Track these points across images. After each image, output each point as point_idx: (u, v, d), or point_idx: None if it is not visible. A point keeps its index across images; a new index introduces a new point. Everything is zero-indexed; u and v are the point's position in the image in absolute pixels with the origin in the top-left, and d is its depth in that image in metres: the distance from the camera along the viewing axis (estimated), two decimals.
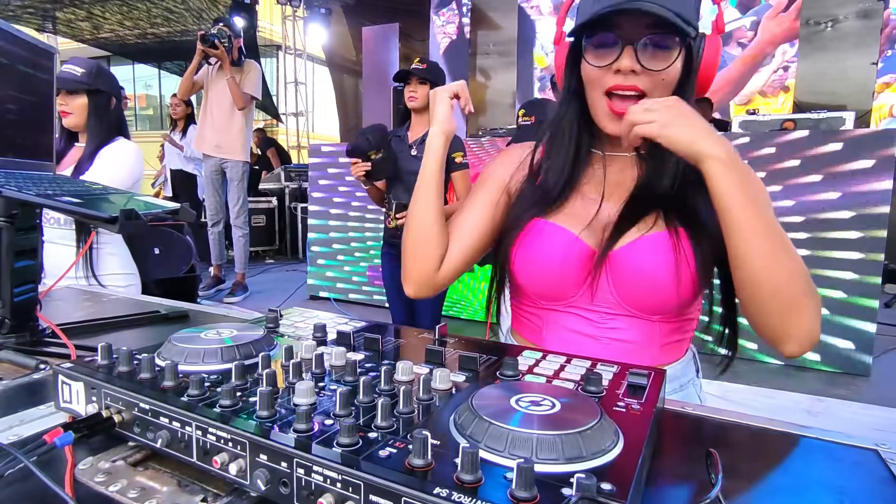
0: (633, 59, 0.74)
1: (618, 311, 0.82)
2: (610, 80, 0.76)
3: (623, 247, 0.79)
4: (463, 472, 0.37)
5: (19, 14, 7.48)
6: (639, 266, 0.77)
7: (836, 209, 2.78)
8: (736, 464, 0.53)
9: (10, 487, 0.47)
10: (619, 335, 0.82)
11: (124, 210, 0.76)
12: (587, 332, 0.83)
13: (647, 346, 0.82)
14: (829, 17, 5.51)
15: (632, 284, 0.79)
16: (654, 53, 0.74)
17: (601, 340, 0.83)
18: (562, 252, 0.81)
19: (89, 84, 1.69)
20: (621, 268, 0.79)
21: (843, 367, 2.84)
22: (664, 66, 0.74)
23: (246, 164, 4.27)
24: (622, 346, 0.82)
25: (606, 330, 0.83)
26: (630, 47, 0.74)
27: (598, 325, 0.83)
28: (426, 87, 2.24)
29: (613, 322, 0.82)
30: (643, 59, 0.74)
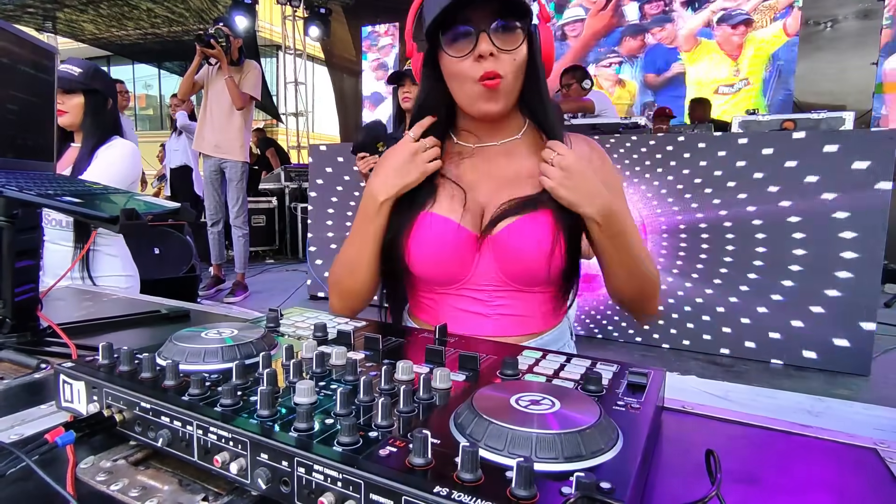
0: (489, 43, 0.80)
1: (503, 288, 0.91)
2: (477, 70, 0.82)
3: (502, 229, 0.87)
4: (463, 471, 0.37)
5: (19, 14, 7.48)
6: (517, 245, 0.86)
7: (837, 209, 2.78)
8: (736, 463, 0.53)
9: (11, 486, 0.47)
10: (505, 310, 0.91)
11: (124, 210, 0.76)
12: (477, 310, 0.92)
13: (530, 317, 0.92)
14: (829, 17, 5.52)
15: (512, 262, 0.88)
16: (505, 36, 0.81)
17: (490, 317, 0.92)
18: (450, 240, 0.88)
19: (86, 84, 1.69)
20: (502, 248, 0.88)
21: (843, 367, 2.84)
22: (516, 46, 0.82)
23: (245, 164, 4.27)
24: (509, 319, 0.92)
25: (494, 307, 0.91)
26: (484, 33, 0.80)
27: (486, 302, 0.91)
28: None
29: (500, 299, 0.91)
30: (497, 42, 0.81)
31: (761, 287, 2.98)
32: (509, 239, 0.87)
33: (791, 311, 2.92)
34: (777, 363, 2.97)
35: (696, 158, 3.08)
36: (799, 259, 2.88)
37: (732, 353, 3.06)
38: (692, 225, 3.10)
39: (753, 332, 3.01)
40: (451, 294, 0.93)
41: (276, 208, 6.66)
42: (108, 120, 1.76)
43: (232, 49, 4.00)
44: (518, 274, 0.89)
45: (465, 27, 0.82)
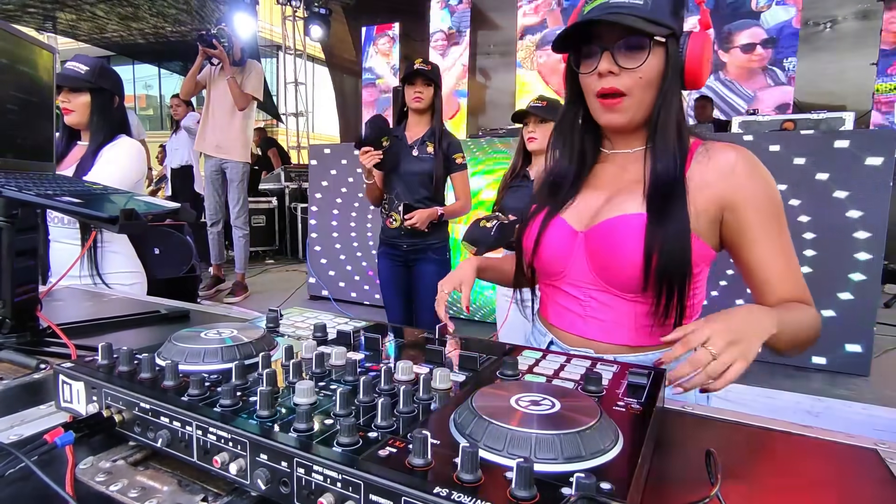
0: (611, 62, 0.84)
1: (596, 287, 0.91)
2: (597, 85, 0.87)
3: (597, 224, 0.89)
4: (463, 471, 0.37)
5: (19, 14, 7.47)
6: (609, 241, 0.87)
7: (837, 209, 2.78)
8: (736, 464, 0.53)
9: (11, 487, 0.47)
10: (597, 312, 0.91)
11: (124, 210, 0.76)
12: (572, 308, 0.94)
13: (622, 325, 0.90)
14: (829, 17, 5.52)
15: (603, 258, 0.88)
16: (628, 54, 0.84)
17: (584, 317, 0.93)
18: (550, 231, 0.94)
19: (93, 82, 1.68)
20: (595, 243, 0.89)
21: (843, 367, 2.84)
22: (638, 65, 0.84)
23: (246, 164, 4.27)
24: (600, 322, 0.91)
25: (587, 307, 0.92)
26: (607, 52, 0.84)
27: (581, 301, 0.93)
28: (431, 88, 2.24)
29: (593, 300, 0.92)
30: (620, 60, 0.84)
31: None
32: (600, 236, 0.88)
33: None
34: (777, 363, 2.97)
35: None
36: (809, 260, 2.85)
37: None
38: None
39: None
40: (555, 287, 0.98)
41: (276, 208, 6.66)
42: (114, 118, 1.75)
43: (234, 49, 4.00)
44: (607, 272, 0.89)
45: (592, 46, 0.87)
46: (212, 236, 4.45)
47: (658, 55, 0.84)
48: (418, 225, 2.20)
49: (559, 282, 0.96)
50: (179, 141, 5.77)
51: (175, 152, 5.80)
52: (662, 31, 0.82)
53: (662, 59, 0.85)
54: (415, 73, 2.22)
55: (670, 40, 0.84)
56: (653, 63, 0.84)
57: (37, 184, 0.88)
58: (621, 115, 0.87)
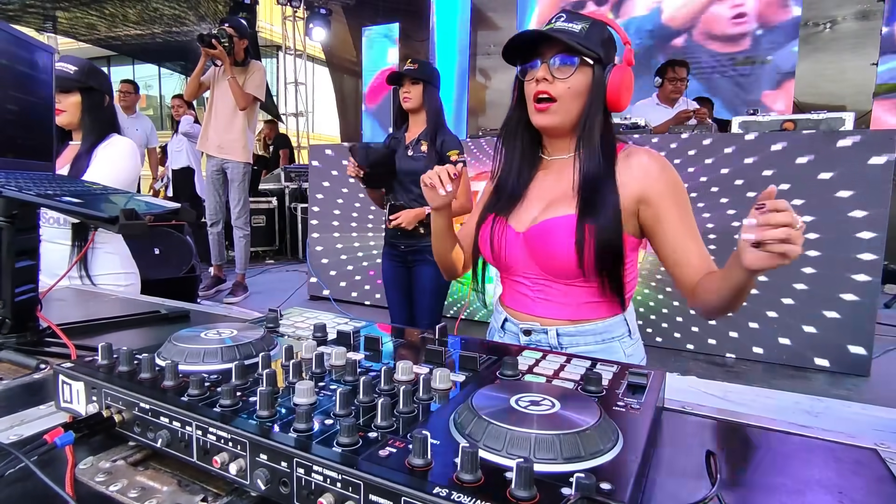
0: (546, 71, 1.02)
1: (540, 276, 1.08)
2: (534, 89, 1.03)
3: (533, 227, 1.05)
4: (463, 471, 0.37)
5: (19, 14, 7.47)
6: (544, 241, 1.03)
7: (837, 209, 2.78)
8: (736, 464, 0.53)
9: (10, 487, 0.47)
10: (545, 295, 1.08)
11: (124, 210, 0.76)
12: (525, 292, 1.11)
13: (565, 304, 1.07)
14: (828, 18, 5.52)
15: (541, 255, 1.04)
16: (561, 68, 1.01)
17: (535, 300, 1.09)
18: (499, 237, 1.10)
19: (82, 82, 1.68)
20: (532, 243, 1.05)
21: (843, 367, 2.83)
22: (567, 76, 1.01)
23: (247, 164, 4.26)
24: (549, 303, 1.08)
25: (537, 291, 1.09)
26: (545, 64, 1.02)
27: (530, 287, 1.10)
28: (419, 86, 2.24)
29: (539, 285, 1.09)
30: (554, 71, 1.01)
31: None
32: (535, 236, 1.04)
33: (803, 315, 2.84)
34: (777, 363, 2.97)
35: (700, 157, 3.07)
36: (812, 261, 2.83)
37: (728, 351, 3.04)
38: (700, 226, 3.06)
39: (762, 338, 2.95)
40: (509, 278, 1.15)
41: (276, 208, 6.66)
42: (105, 117, 1.75)
43: (237, 49, 3.99)
44: (546, 265, 1.04)
45: (534, 59, 1.04)
46: (212, 236, 4.45)
47: (585, 73, 1.02)
48: (404, 225, 2.20)
49: (512, 274, 1.12)
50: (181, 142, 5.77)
51: (176, 154, 5.81)
52: (590, 54, 1.00)
53: (589, 78, 1.02)
54: (401, 75, 2.22)
55: (597, 66, 1.01)
56: (580, 78, 1.01)
57: (37, 184, 0.88)
58: (551, 117, 1.04)
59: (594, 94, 1.02)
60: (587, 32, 1.01)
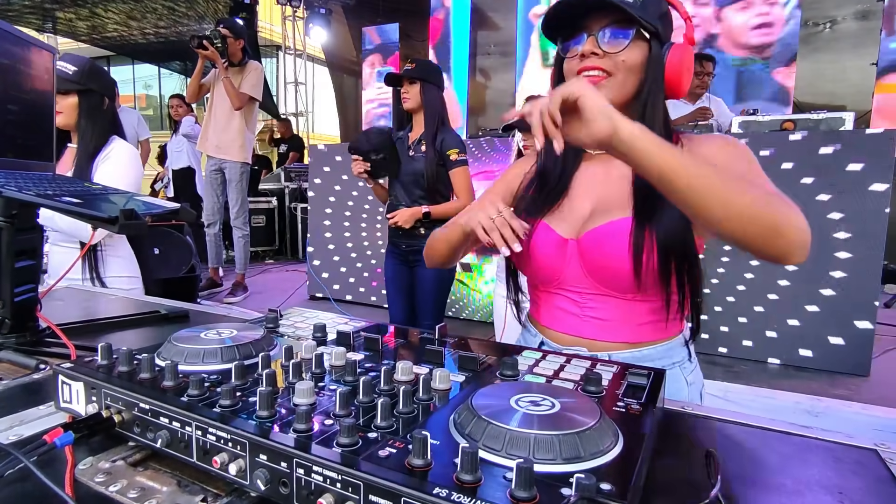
0: (594, 45, 0.87)
1: (593, 291, 0.92)
2: (579, 66, 0.88)
3: (588, 232, 0.89)
4: (462, 472, 0.37)
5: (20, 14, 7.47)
6: (602, 249, 0.87)
7: (837, 209, 2.78)
8: (736, 464, 0.53)
9: (10, 487, 0.47)
10: (597, 313, 0.92)
11: (124, 210, 0.76)
12: (570, 310, 0.94)
13: (622, 324, 0.91)
14: (828, 18, 5.52)
15: (597, 266, 0.89)
16: (612, 41, 0.86)
17: (583, 318, 0.93)
18: (542, 243, 0.93)
19: (80, 83, 1.64)
20: (588, 252, 0.89)
21: (843, 367, 2.83)
22: (620, 49, 0.86)
23: (245, 164, 4.26)
24: (600, 322, 0.92)
25: (586, 308, 0.93)
26: (592, 37, 0.87)
27: (579, 303, 0.93)
28: (416, 86, 2.23)
29: (591, 301, 0.92)
30: (603, 45, 0.87)
31: (757, 287, 2.99)
32: (591, 243, 0.89)
33: (787, 309, 2.93)
34: (776, 363, 2.97)
35: None
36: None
37: (730, 352, 3.06)
38: None
39: (750, 331, 3.03)
40: (550, 292, 0.98)
41: (276, 208, 6.66)
42: (105, 120, 1.71)
43: (232, 50, 3.99)
44: (602, 278, 0.89)
45: (579, 33, 0.89)
46: (209, 238, 4.44)
47: (640, 48, 0.87)
48: (401, 223, 2.20)
49: (554, 287, 0.96)
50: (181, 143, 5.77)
51: (176, 154, 5.80)
52: (647, 26, 0.85)
53: (644, 54, 0.87)
54: (398, 76, 2.23)
55: (654, 41, 0.87)
56: (635, 52, 0.86)
57: (37, 184, 0.88)
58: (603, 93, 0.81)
59: (652, 72, 0.87)
60: (643, 2, 0.86)
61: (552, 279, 0.95)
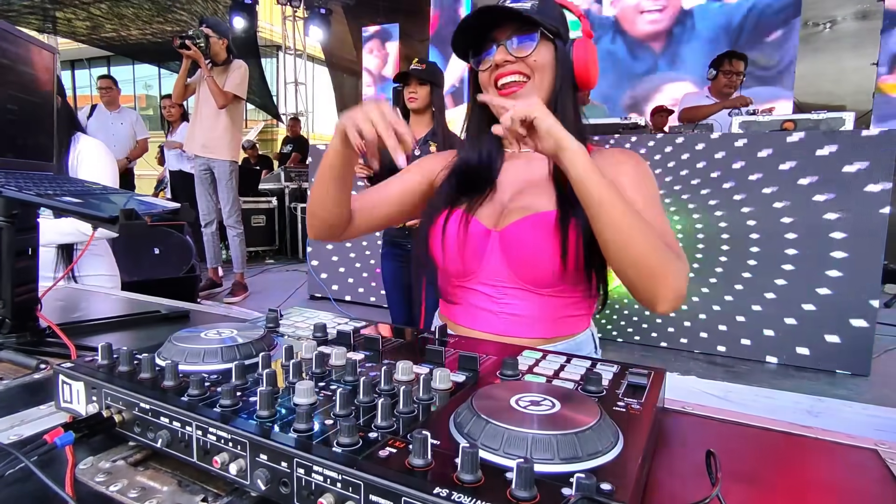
0: (505, 53, 0.92)
1: (511, 285, 0.93)
2: (495, 74, 0.93)
3: (511, 224, 0.91)
4: (463, 471, 0.37)
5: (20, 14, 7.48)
6: (524, 241, 0.90)
7: (836, 209, 2.78)
8: (736, 464, 0.53)
9: (10, 487, 0.47)
10: (513, 309, 0.93)
11: (124, 210, 0.76)
12: (486, 306, 0.95)
13: (538, 320, 0.93)
14: (828, 18, 5.52)
15: (519, 258, 0.91)
16: (521, 46, 0.92)
17: (499, 315, 0.94)
18: (462, 231, 0.94)
19: None
20: (510, 243, 0.91)
21: (843, 367, 2.84)
22: (529, 52, 0.91)
23: (234, 163, 4.24)
24: (517, 319, 0.93)
25: (502, 304, 0.94)
26: (502, 46, 0.92)
27: (495, 299, 0.94)
28: (426, 87, 2.24)
29: (508, 296, 0.93)
30: (513, 51, 0.92)
31: (756, 286, 3.00)
32: (515, 235, 0.91)
33: (784, 308, 2.95)
34: (776, 363, 2.97)
35: (693, 159, 3.08)
36: (791, 258, 2.90)
37: (729, 351, 3.07)
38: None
39: (748, 330, 3.04)
40: (466, 288, 0.97)
41: (276, 208, 6.66)
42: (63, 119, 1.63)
43: (215, 50, 3.97)
44: (523, 271, 0.91)
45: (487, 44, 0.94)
46: (206, 237, 4.43)
47: (547, 49, 0.92)
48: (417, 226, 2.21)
49: (470, 281, 0.96)
50: None
51: (172, 156, 5.78)
52: (549, 27, 0.91)
53: (552, 54, 0.92)
54: (408, 74, 2.23)
55: (558, 41, 0.92)
56: (543, 52, 0.92)
57: (37, 184, 0.88)
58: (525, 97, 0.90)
59: (561, 70, 0.93)
60: (539, 7, 0.91)
61: (470, 271, 0.95)
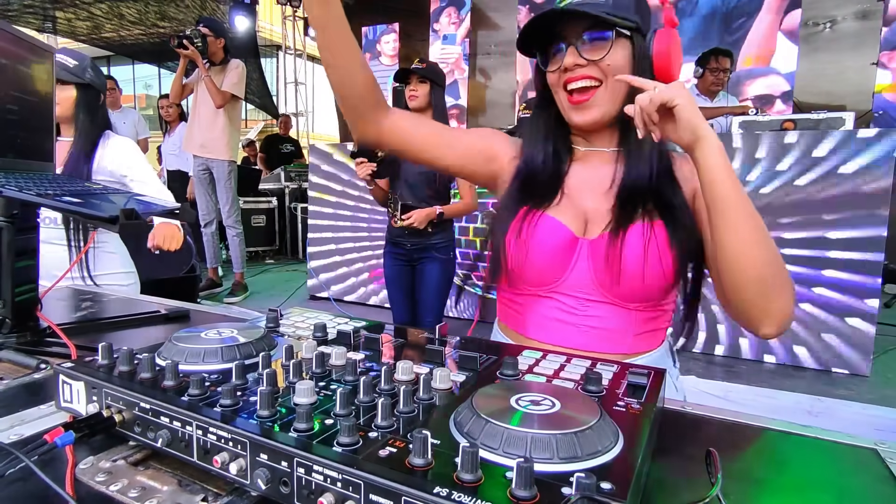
0: (576, 55, 0.85)
1: (595, 298, 0.87)
2: (564, 78, 0.87)
3: (602, 235, 0.86)
4: (463, 471, 0.37)
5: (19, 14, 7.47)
6: (616, 254, 0.83)
7: (836, 209, 2.78)
8: (736, 464, 0.53)
9: (10, 487, 0.47)
10: (596, 322, 0.87)
11: (124, 210, 0.76)
12: (565, 319, 0.88)
13: (622, 334, 0.87)
14: (828, 17, 5.52)
15: (609, 271, 0.84)
16: (593, 47, 0.85)
17: (580, 327, 0.88)
18: (549, 237, 0.87)
19: (80, 77, 1.68)
20: (600, 254, 0.85)
21: (843, 367, 2.84)
22: (602, 55, 0.84)
23: (232, 162, 4.24)
24: (598, 332, 0.87)
25: (584, 317, 0.88)
26: (572, 47, 0.85)
27: (576, 311, 0.88)
28: (426, 85, 2.24)
29: (591, 309, 0.87)
30: (585, 53, 0.85)
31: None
32: (608, 245, 0.84)
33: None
34: (776, 363, 2.97)
35: None
36: (789, 259, 2.89)
37: (728, 351, 3.06)
38: None
39: None
40: (541, 297, 0.90)
41: (276, 208, 6.65)
42: (100, 116, 1.76)
43: (213, 49, 3.97)
44: (612, 283, 0.85)
45: (556, 44, 0.88)
46: (206, 237, 4.43)
47: (623, 47, 0.85)
48: (416, 224, 2.21)
49: (548, 290, 0.89)
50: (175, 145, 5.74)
51: (171, 156, 5.76)
52: (624, 24, 0.84)
53: (629, 53, 0.86)
54: (408, 72, 2.23)
55: (635, 35, 0.85)
56: (618, 54, 0.85)
57: (37, 184, 0.88)
58: (593, 112, 0.87)
59: (640, 69, 0.85)
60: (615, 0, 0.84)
61: (551, 279, 0.88)
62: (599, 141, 0.94)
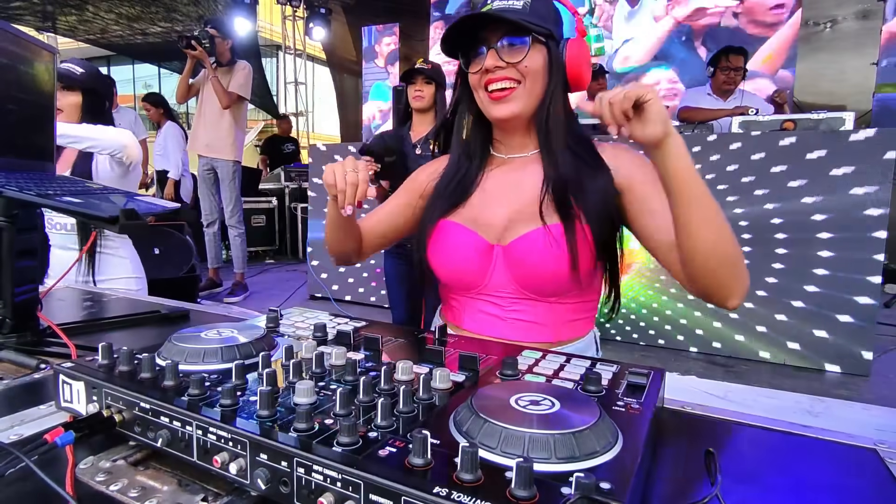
0: (496, 58, 0.90)
1: (518, 296, 0.94)
2: (485, 78, 0.92)
3: (515, 240, 0.92)
4: (462, 471, 0.37)
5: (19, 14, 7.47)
6: (529, 256, 0.90)
7: (836, 209, 2.78)
8: (736, 464, 0.53)
9: (10, 487, 0.47)
10: (522, 316, 0.95)
11: (124, 210, 0.76)
12: (495, 313, 0.96)
13: (547, 325, 0.94)
14: (828, 17, 5.52)
15: (525, 272, 0.91)
16: (512, 50, 0.90)
17: (507, 321, 0.95)
18: (464, 247, 0.95)
19: (86, 83, 1.69)
20: (514, 258, 0.92)
21: (843, 367, 2.84)
22: (520, 58, 0.89)
23: (237, 163, 4.25)
24: (525, 325, 0.94)
25: (511, 312, 0.95)
26: (492, 50, 0.90)
27: (503, 307, 0.96)
28: (431, 86, 2.24)
29: (516, 305, 0.95)
30: (504, 56, 0.90)
31: (752, 285, 3.00)
32: (520, 250, 0.91)
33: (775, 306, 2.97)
34: (776, 363, 2.97)
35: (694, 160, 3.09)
36: (781, 258, 2.91)
37: (724, 348, 3.08)
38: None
39: (742, 327, 3.06)
40: (471, 297, 0.98)
41: (276, 208, 6.65)
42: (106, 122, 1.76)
43: (220, 50, 3.97)
44: (531, 284, 0.92)
45: (477, 47, 0.92)
46: (208, 237, 4.43)
47: (540, 52, 0.90)
48: None
49: (475, 293, 0.97)
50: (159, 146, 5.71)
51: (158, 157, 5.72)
52: (539, 30, 0.89)
53: (544, 58, 0.91)
54: (414, 72, 2.23)
55: (550, 42, 0.91)
56: (535, 57, 0.90)
57: (37, 184, 0.88)
58: (513, 105, 0.91)
59: (554, 74, 0.91)
60: (531, 7, 0.89)
61: (474, 285, 0.96)
62: (519, 146, 0.99)
